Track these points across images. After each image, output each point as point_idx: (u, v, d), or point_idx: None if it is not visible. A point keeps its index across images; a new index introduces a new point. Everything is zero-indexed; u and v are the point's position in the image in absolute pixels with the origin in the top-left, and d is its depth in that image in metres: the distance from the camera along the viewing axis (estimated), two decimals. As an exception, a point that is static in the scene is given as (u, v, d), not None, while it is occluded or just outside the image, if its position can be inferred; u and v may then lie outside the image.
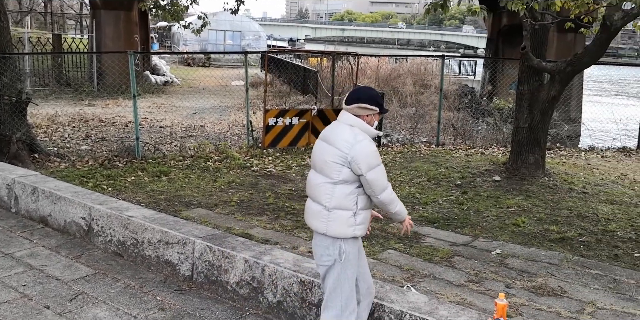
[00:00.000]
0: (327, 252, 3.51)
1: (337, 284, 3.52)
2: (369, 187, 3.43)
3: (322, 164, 3.47)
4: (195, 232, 5.10)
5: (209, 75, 25.32)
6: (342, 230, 3.46)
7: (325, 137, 3.54)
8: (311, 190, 3.58)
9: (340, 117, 3.55)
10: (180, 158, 9.60)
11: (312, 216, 3.57)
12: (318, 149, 3.56)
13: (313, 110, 10.89)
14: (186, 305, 4.46)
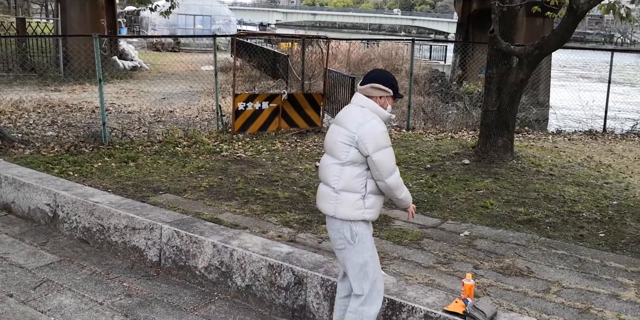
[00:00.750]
0: (339, 235, 3.48)
1: (359, 269, 3.47)
2: (375, 169, 3.36)
3: (332, 145, 3.46)
4: (162, 217, 5.03)
5: (179, 60, 24.98)
6: (350, 212, 3.41)
7: (336, 120, 3.53)
8: (321, 172, 3.56)
9: (353, 99, 3.53)
10: (149, 144, 9.45)
11: (321, 198, 3.53)
12: (330, 131, 3.54)
13: (283, 94, 10.81)
14: (154, 291, 4.41)
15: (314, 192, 7.12)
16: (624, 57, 39.07)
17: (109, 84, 18.53)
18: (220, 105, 10.94)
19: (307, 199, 6.85)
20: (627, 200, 7.27)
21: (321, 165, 3.57)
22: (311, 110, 11.05)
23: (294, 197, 6.87)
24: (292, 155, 9.11)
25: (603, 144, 11.11)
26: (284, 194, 6.96)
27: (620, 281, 4.89)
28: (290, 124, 10.88)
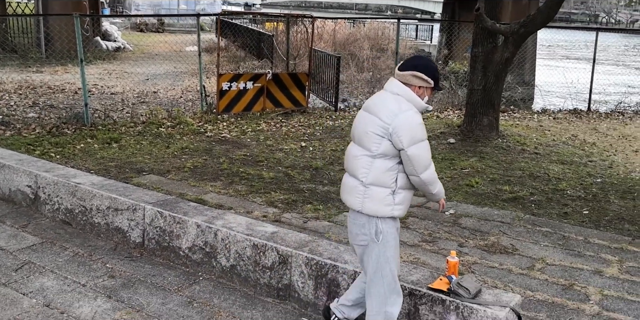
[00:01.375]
0: (363, 231, 3.23)
1: (377, 268, 3.24)
2: (410, 164, 3.09)
3: (362, 135, 3.17)
4: (145, 198, 4.98)
5: (163, 40, 24.60)
6: (378, 208, 3.16)
7: (367, 107, 3.24)
8: (348, 163, 3.29)
9: (387, 85, 3.22)
10: (132, 124, 9.34)
11: (347, 191, 3.27)
12: (359, 119, 3.26)
13: (268, 74, 10.70)
14: (137, 272, 4.38)
15: (299, 172, 7.09)
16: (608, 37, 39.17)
17: (91, 65, 18.27)
18: (204, 85, 10.82)
19: (292, 179, 6.82)
20: (610, 178, 7.31)
21: (348, 156, 3.28)
22: (296, 90, 10.96)
23: (279, 177, 6.83)
24: (277, 136, 9.05)
25: (587, 123, 11.15)
26: (269, 174, 6.92)
27: (604, 257, 4.93)
28: (275, 104, 10.79)
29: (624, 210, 6.12)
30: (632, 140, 9.72)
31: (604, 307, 4.11)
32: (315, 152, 8.13)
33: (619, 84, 16.36)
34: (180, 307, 3.89)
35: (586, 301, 4.18)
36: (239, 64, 18.93)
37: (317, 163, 7.51)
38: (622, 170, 7.75)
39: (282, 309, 3.94)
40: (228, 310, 3.88)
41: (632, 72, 20.30)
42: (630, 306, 4.13)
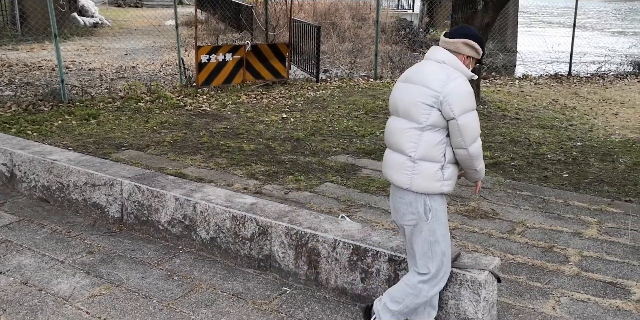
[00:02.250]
0: (410, 209, 3.05)
1: (428, 248, 3.07)
2: (459, 135, 2.91)
3: (408, 106, 2.96)
4: (122, 172, 4.91)
5: (142, 15, 24.14)
6: (428, 185, 2.97)
7: (408, 78, 3.04)
8: (392, 138, 3.07)
9: (430, 54, 3.05)
10: (110, 100, 9.20)
11: (393, 168, 3.06)
12: (400, 91, 3.06)
13: (247, 45, 10.54)
14: (116, 247, 4.34)
15: (280, 143, 7.04)
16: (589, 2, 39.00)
17: (69, 42, 17.91)
18: (182, 58, 10.65)
19: (273, 150, 6.77)
20: (590, 141, 7.34)
21: (391, 131, 3.08)
22: (276, 61, 10.83)
23: (259, 149, 6.78)
24: (257, 108, 8.97)
25: (568, 87, 11.15)
26: (249, 146, 6.86)
27: (583, 219, 4.97)
28: (256, 75, 10.66)
29: (603, 173, 6.16)
30: (612, 103, 9.75)
31: (583, 268, 4.15)
32: (297, 124, 8.07)
33: (600, 48, 16.35)
34: (160, 280, 3.88)
35: (565, 263, 4.21)
36: (219, 37, 18.65)
37: (298, 134, 7.46)
38: (602, 133, 7.78)
39: (263, 279, 3.93)
40: (208, 282, 3.87)
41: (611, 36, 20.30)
42: (608, 266, 4.17)
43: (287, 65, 11.07)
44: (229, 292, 3.75)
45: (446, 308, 3.38)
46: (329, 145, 7.05)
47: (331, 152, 6.81)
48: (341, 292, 3.76)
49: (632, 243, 4.54)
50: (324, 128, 7.86)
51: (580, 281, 3.95)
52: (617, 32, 23.38)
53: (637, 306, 3.65)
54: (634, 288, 3.87)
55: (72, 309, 3.53)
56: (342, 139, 7.35)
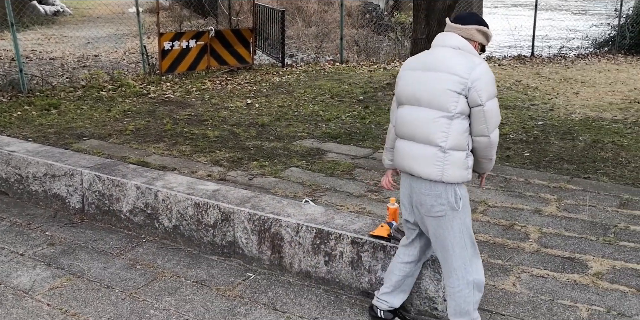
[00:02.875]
0: (440, 201, 2.93)
1: (460, 237, 2.98)
2: (484, 122, 2.83)
3: (436, 95, 2.85)
4: (82, 162, 4.84)
5: (104, 3, 23.65)
6: (458, 174, 2.89)
7: (427, 66, 2.92)
8: (417, 129, 2.93)
9: (443, 40, 2.95)
10: (72, 89, 9.03)
11: (418, 161, 2.93)
12: (419, 79, 2.92)
13: (210, 31, 10.41)
14: (78, 238, 4.29)
15: (244, 129, 7.00)
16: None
17: (29, 31, 17.49)
18: (145, 46, 10.48)
19: (238, 136, 6.73)
20: (551, 120, 7.45)
21: (415, 121, 2.93)
22: (241, 47, 10.72)
23: (224, 136, 6.73)
24: (222, 94, 8.89)
25: (531, 68, 11.28)
26: (213, 133, 6.81)
27: (543, 197, 5.06)
28: (220, 62, 10.56)
29: (563, 151, 6.27)
30: (573, 82, 9.90)
31: (543, 244, 4.23)
32: (262, 109, 8.03)
33: (562, 28, 16.56)
34: (122, 270, 3.84)
35: (526, 240, 4.29)
36: (184, 24, 18.39)
37: (263, 119, 7.42)
38: (563, 112, 7.90)
39: (227, 265, 3.93)
40: (172, 271, 3.85)
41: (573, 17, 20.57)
42: (567, 242, 4.26)
43: (252, 50, 10.98)
44: (193, 280, 3.74)
45: (408, 288, 3.42)
46: (294, 130, 7.03)
47: (296, 136, 6.80)
48: (305, 276, 3.78)
49: (590, 218, 4.64)
50: (289, 113, 7.83)
51: (540, 257, 4.04)
52: (579, 12, 23.67)
53: (593, 280, 3.75)
54: (590, 262, 3.97)
55: (32, 301, 3.48)
56: (308, 124, 7.34)
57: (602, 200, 4.99)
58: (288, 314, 3.39)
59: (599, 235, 4.36)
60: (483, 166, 3.05)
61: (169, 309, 3.41)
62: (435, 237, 3.03)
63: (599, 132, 6.98)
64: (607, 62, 12.14)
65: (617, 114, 7.96)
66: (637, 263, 3.95)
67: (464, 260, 3.02)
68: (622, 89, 9.54)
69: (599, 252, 4.09)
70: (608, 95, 9.03)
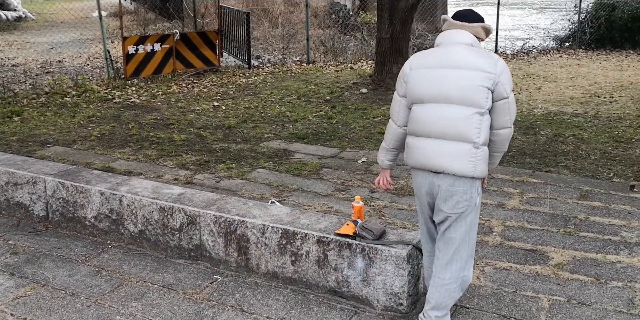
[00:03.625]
0: (465, 197, 2.96)
1: (466, 233, 3.06)
2: (508, 113, 2.91)
3: (467, 91, 2.85)
4: (45, 169, 4.78)
5: (68, 7, 23.26)
6: (485, 168, 2.97)
7: (443, 63, 2.93)
8: (448, 127, 2.92)
9: (455, 38, 2.98)
10: (34, 96, 8.89)
11: (452, 157, 2.91)
12: (442, 77, 2.92)
13: (175, 34, 10.35)
14: (42, 246, 4.24)
15: (211, 132, 6.99)
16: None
17: (-11, 37, 17.16)
18: (109, 50, 10.37)
19: (205, 139, 6.72)
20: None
21: (446, 119, 2.92)
22: (207, 49, 10.68)
23: (190, 139, 6.71)
24: (189, 97, 8.85)
25: (495, 65, 11.44)
26: (180, 136, 6.78)
27: (506, 191, 5.15)
28: (186, 64, 10.50)
29: (526, 145, 6.39)
30: (535, 78, 10.08)
31: (506, 237, 4.31)
32: (229, 111, 8.01)
33: (525, 25, 16.84)
34: (88, 277, 3.81)
35: (489, 233, 4.37)
36: (149, 27, 18.23)
37: (230, 122, 7.41)
38: (526, 107, 8.05)
39: (194, 269, 3.93)
40: (138, 276, 3.83)
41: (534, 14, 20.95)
42: (529, 234, 4.35)
43: (218, 52, 10.95)
44: (160, 284, 3.73)
45: (374, 284, 3.46)
46: (261, 132, 7.04)
47: (263, 138, 6.81)
48: (272, 276, 3.79)
49: (551, 211, 4.75)
50: (256, 114, 7.84)
51: (503, 250, 4.12)
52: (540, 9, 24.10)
53: (554, 270, 3.83)
54: (552, 253, 4.06)
55: (-5, 311, 3.44)
56: (275, 125, 7.35)
57: (563, 193, 5.11)
58: (255, 315, 3.40)
59: (560, 226, 4.47)
60: (495, 161, 3.14)
61: (135, 315, 3.40)
62: (447, 231, 3.08)
63: (560, 126, 7.13)
64: (569, 58, 12.40)
65: (577, 108, 8.14)
66: (597, 253, 4.06)
67: (463, 256, 3.08)
68: (582, 83, 9.75)
69: (560, 244, 4.19)
70: (569, 90, 9.23)
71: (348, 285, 3.54)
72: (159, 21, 19.70)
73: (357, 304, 3.48)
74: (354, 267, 3.50)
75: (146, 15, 21.38)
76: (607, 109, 8.09)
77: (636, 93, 9.03)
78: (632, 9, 13.16)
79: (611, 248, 4.12)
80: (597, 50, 13.17)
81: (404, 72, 3.11)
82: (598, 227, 4.46)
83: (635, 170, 5.67)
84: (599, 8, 13.60)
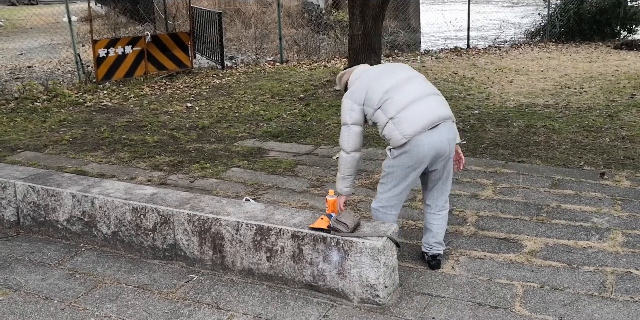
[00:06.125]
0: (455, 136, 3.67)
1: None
2: None
3: (418, 76, 3.76)
4: (15, 174, 4.70)
5: (37, 13, 22.97)
6: None
7: (382, 72, 3.78)
8: (424, 87, 3.65)
9: (365, 70, 3.92)
10: (4, 102, 8.75)
11: (442, 105, 3.60)
12: (389, 75, 3.66)
13: (146, 36, 10.26)
14: (14, 251, 4.17)
15: (185, 133, 6.94)
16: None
17: (-44, 45, 16.86)
18: (79, 54, 10.26)
19: (178, 140, 6.67)
20: (487, 108, 7.66)
21: (424, 85, 3.66)
22: (179, 50, 10.61)
23: (163, 140, 6.66)
24: (161, 99, 8.78)
25: (467, 60, 11.55)
26: (153, 138, 6.73)
27: (479, 182, 5.20)
28: (158, 66, 10.42)
29: (498, 137, 6.45)
30: (507, 72, 10.19)
31: (480, 227, 4.35)
32: (202, 112, 7.97)
33: (495, 20, 17.02)
34: (61, 280, 3.76)
35: (463, 224, 4.41)
36: (121, 31, 18.05)
37: (203, 122, 7.37)
38: (498, 100, 8.13)
39: (170, 268, 3.90)
40: (112, 277, 3.79)
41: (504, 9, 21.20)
42: (502, 223, 4.39)
43: (191, 54, 10.87)
44: (134, 285, 3.70)
45: (350, 276, 3.46)
46: (235, 131, 7.01)
47: (237, 137, 6.78)
48: (248, 273, 3.78)
49: (524, 200, 4.80)
50: (229, 114, 7.81)
51: (477, 240, 4.15)
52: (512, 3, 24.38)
53: (528, 258, 3.88)
54: (525, 241, 4.10)
55: (-34, 318, 3.37)
56: (249, 124, 7.33)
57: (535, 182, 5.17)
58: (232, 312, 3.39)
59: (533, 215, 4.52)
60: None
61: (110, 316, 3.36)
62: (447, 173, 3.70)
63: (532, 118, 7.22)
64: (540, 51, 12.55)
65: (548, 99, 8.24)
66: (568, 239, 4.11)
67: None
68: (553, 75, 9.88)
69: (533, 231, 4.24)
70: (540, 82, 9.34)
71: (324, 279, 3.54)
72: (130, 24, 19.53)
73: (334, 297, 3.48)
74: (329, 261, 3.51)
75: (117, 19, 21.19)
76: (578, 99, 8.21)
77: (605, 83, 9.18)
78: (600, 2, 13.37)
79: (582, 234, 4.18)
80: (567, 43, 13.35)
81: (354, 105, 3.63)
82: (569, 214, 4.52)
83: (605, 158, 5.76)
84: (567, 1, 13.79)
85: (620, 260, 3.80)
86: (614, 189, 5.01)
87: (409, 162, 3.57)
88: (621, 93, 8.51)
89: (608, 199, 4.80)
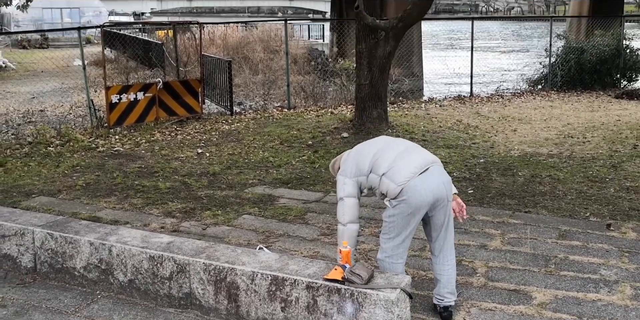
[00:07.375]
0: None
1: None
2: None
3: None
4: (34, 221, 4.81)
5: (48, 56, 23.52)
6: None
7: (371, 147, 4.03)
8: (423, 153, 3.92)
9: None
10: (17, 146, 8.93)
11: (431, 154, 3.94)
12: (378, 145, 3.97)
13: (158, 83, 10.54)
14: (30, 298, 4.24)
15: (196, 179, 7.07)
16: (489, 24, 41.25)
17: (-31, 88, 17.22)
18: (92, 99, 10.51)
19: (190, 187, 6.79)
20: (492, 157, 7.80)
21: (408, 144, 4.00)
22: (189, 97, 10.86)
23: (175, 187, 6.78)
24: (172, 145, 8.96)
25: (471, 107, 11.79)
26: (165, 184, 6.85)
27: (488, 232, 5.28)
28: (169, 112, 10.65)
29: (504, 187, 6.57)
30: (510, 120, 10.40)
31: (489, 278, 4.41)
32: (212, 158, 8.12)
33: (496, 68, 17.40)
34: (78, 328, 3.82)
35: (473, 275, 4.47)
36: (130, 75, 18.45)
37: (214, 168, 7.51)
38: (503, 149, 8.29)
39: (185, 317, 3.95)
40: (129, 325, 3.85)
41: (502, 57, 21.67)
42: (512, 274, 4.46)
43: (201, 100, 11.13)
44: (150, 333, 3.75)
45: (363, 328, 3.52)
46: (245, 178, 7.14)
47: (248, 184, 6.91)
48: (263, 323, 3.83)
49: (532, 251, 4.87)
50: (239, 161, 7.95)
51: (487, 291, 4.21)
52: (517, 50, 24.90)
53: (538, 310, 3.93)
54: (534, 293, 4.16)
55: (-15, 366, 3.42)
56: (259, 171, 7.47)
57: (543, 233, 5.25)
58: (247, 362, 3.42)
59: (541, 266, 4.59)
60: None
61: (128, 365, 3.41)
62: (448, 220, 3.82)
63: (537, 167, 7.35)
64: (542, 100, 12.80)
65: (552, 148, 8.39)
66: (577, 291, 4.17)
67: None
68: (556, 124, 10.07)
69: (542, 283, 4.30)
70: (544, 131, 9.52)
71: (338, 330, 3.59)
72: (140, 69, 19.96)
73: (348, 348, 3.52)
74: (344, 312, 3.57)
75: (127, 64, 21.67)
76: (581, 149, 8.36)
77: (607, 133, 9.35)
78: (600, 52, 13.70)
79: (591, 286, 4.24)
80: (569, 92, 13.62)
81: (345, 179, 3.88)
82: (578, 266, 4.58)
83: (610, 209, 5.86)
84: (568, 51, 14.13)
85: (630, 314, 3.85)
86: (620, 240, 5.09)
87: (408, 209, 3.70)
88: (624, 143, 8.67)
89: (615, 250, 4.87)
